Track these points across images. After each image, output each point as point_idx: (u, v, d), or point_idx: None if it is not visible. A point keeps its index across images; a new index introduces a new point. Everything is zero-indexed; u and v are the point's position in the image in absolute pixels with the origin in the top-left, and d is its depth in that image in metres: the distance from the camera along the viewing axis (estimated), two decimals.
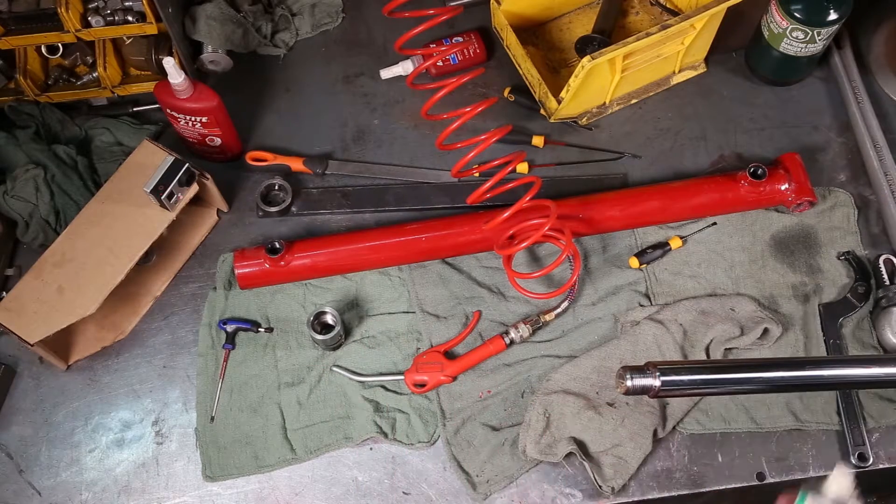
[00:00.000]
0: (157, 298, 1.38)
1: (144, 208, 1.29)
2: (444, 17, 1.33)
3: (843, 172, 1.45)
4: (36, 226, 1.36)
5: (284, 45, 1.57)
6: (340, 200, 1.44)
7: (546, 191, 1.37)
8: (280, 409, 1.29)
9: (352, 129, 1.51)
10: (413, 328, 1.34)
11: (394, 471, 1.26)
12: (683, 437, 1.26)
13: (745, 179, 1.36)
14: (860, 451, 1.24)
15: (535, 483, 1.24)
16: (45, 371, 1.33)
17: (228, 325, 1.33)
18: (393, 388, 1.30)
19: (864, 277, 1.34)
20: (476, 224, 1.33)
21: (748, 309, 1.31)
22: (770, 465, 1.25)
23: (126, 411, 1.30)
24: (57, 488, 1.26)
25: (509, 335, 1.30)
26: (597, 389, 1.26)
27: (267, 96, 1.54)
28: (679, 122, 1.51)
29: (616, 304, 1.34)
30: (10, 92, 1.46)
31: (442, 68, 1.54)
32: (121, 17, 1.38)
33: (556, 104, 1.42)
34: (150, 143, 1.33)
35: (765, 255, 1.38)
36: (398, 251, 1.34)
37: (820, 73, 1.54)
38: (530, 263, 1.38)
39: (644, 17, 1.59)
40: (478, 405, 1.28)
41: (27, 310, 1.23)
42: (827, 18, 1.36)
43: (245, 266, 1.32)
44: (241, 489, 1.25)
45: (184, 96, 1.30)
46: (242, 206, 1.45)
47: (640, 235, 1.39)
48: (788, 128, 1.50)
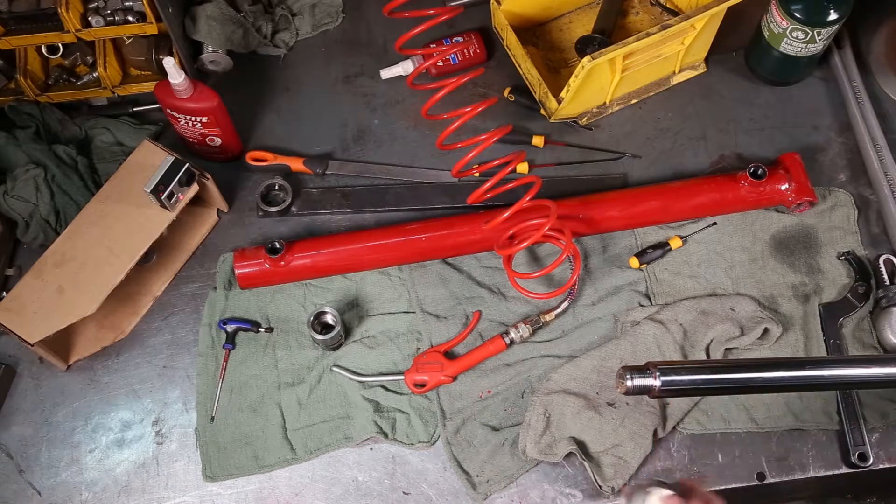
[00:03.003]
0: (157, 298, 1.38)
1: (144, 208, 1.29)
2: (444, 17, 1.33)
3: (843, 172, 1.45)
4: (36, 226, 1.36)
5: (284, 45, 1.57)
6: (340, 200, 1.44)
7: (546, 191, 1.37)
8: (280, 409, 1.29)
9: (352, 129, 1.51)
10: (413, 328, 1.34)
11: (394, 471, 1.26)
12: (683, 437, 1.26)
13: (745, 179, 1.36)
14: (860, 451, 1.24)
15: (535, 483, 1.24)
16: (45, 371, 1.33)
17: (228, 325, 1.33)
18: (393, 388, 1.30)
19: (864, 277, 1.34)
20: (476, 224, 1.33)
21: (748, 309, 1.31)
22: (770, 465, 1.25)
23: (126, 411, 1.30)
24: (57, 488, 1.26)
25: (509, 335, 1.30)
26: (597, 389, 1.26)
27: (267, 96, 1.54)
28: (679, 122, 1.51)
29: (616, 304, 1.34)
30: (10, 92, 1.46)
31: (442, 68, 1.54)
32: (121, 17, 1.38)
33: (556, 104, 1.42)
34: (150, 143, 1.33)
35: (765, 255, 1.38)
36: (398, 251, 1.34)
37: (820, 73, 1.54)
38: (530, 263, 1.38)
39: (644, 17, 1.59)
40: (478, 405, 1.28)
41: (27, 310, 1.23)
42: (827, 18, 1.36)
43: (245, 266, 1.32)
44: (241, 489, 1.25)
45: (184, 96, 1.30)
46: (242, 206, 1.45)
47: (640, 235, 1.39)
48: (788, 128, 1.50)
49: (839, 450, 1.25)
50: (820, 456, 1.25)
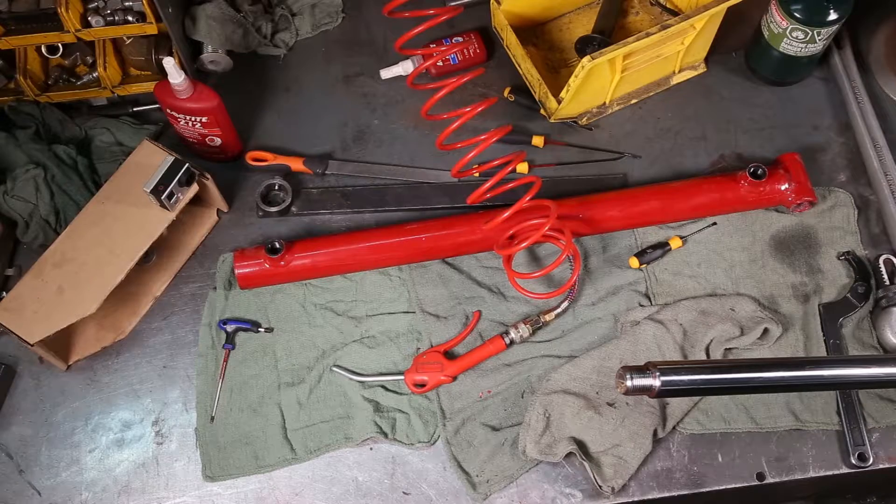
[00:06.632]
0: (157, 298, 1.38)
1: (144, 208, 1.29)
2: (444, 17, 1.33)
3: (843, 172, 1.45)
4: (36, 226, 1.36)
5: (284, 45, 1.57)
6: (340, 200, 1.44)
7: (546, 191, 1.37)
8: (280, 409, 1.29)
9: (352, 129, 1.51)
10: (413, 328, 1.34)
11: (394, 471, 1.26)
12: (683, 437, 1.26)
13: (745, 179, 1.36)
14: (860, 451, 1.24)
15: (535, 483, 1.24)
16: (45, 371, 1.33)
17: (228, 325, 1.33)
18: (393, 388, 1.30)
19: (864, 277, 1.34)
20: (476, 224, 1.33)
21: (748, 309, 1.31)
22: (770, 465, 1.25)
23: (126, 411, 1.30)
24: (57, 488, 1.26)
25: (509, 335, 1.30)
26: (597, 389, 1.26)
27: (267, 96, 1.54)
28: (679, 122, 1.51)
29: (616, 304, 1.34)
30: (10, 92, 1.46)
31: (442, 68, 1.54)
32: (121, 17, 1.38)
33: (556, 104, 1.42)
34: (150, 143, 1.33)
35: (765, 255, 1.38)
36: (398, 251, 1.34)
37: (820, 73, 1.54)
38: (530, 263, 1.38)
39: (644, 17, 1.59)
40: (478, 405, 1.28)
41: (27, 310, 1.23)
42: (827, 18, 1.36)
43: (245, 266, 1.32)
44: (241, 489, 1.25)
45: (184, 96, 1.30)
46: (242, 206, 1.45)
47: (640, 235, 1.39)
48: (788, 128, 1.50)
49: (839, 450, 1.25)
50: (820, 456, 1.25)
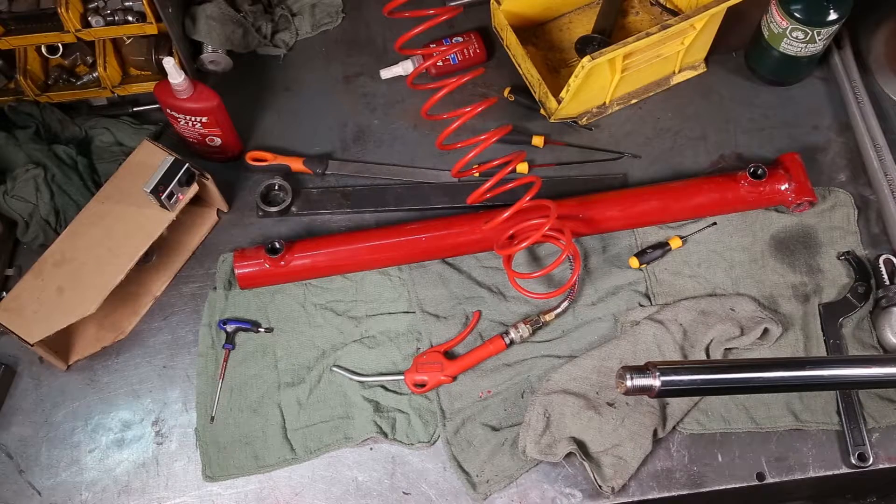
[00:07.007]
0: (157, 298, 1.38)
1: (144, 208, 1.29)
2: (444, 17, 1.33)
3: (843, 172, 1.45)
4: (36, 226, 1.36)
5: (284, 45, 1.57)
6: (340, 200, 1.44)
7: (546, 191, 1.37)
8: (280, 409, 1.29)
9: (352, 129, 1.51)
10: (413, 328, 1.34)
11: (394, 471, 1.26)
12: (683, 437, 1.26)
13: (745, 179, 1.36)
14: (860, 451, 1.24)
15: (535, 483, 1.24)
16: (45, 371, 1.33)
17: (228, 325, 1.33)
18: (393, 388, 1.30)
19: (864, 277, 1.34)
20: (476, 224, 1.33)
21: (748, 309, 1.31)
22: (770, 465, 1.25)
23: (126, 411, 1.30)
24: (57, 488, 1.26)
25: (509, 335, 1.30)
26: (597, 389, 1.26)
27: (267, 96, 1.54)
28: (679, 122, 1.51)
29: (616, 304, 1.34)
30: (10, 92, 1.46)
31: (442, 68, 1.54)
32: (121, 17, 1.38)
33: (556, 104, 1.42)
34: (150, 143, 1.33)
35: (765, 255, 1.38)
36: (398, 251, 1.34)
37: (820, 73, 1.54)
38: (530, 263, 1.38)
39: (644, 17, 1.59)
40: (478, 405, 1.28)
41: (27, 310, 1.23)
42: (827, 18, 1.36)
43: (245, 266, 1.32)
44: (241, 489, 1.25)
45: (184, 96, 1.30)
46: (242, 206, 1.45)
47: (640, 235, 1.39)
48: (788, 128, 1.50)
49: (839, 450, 1.25)
50: (820, 456, 1.25)
